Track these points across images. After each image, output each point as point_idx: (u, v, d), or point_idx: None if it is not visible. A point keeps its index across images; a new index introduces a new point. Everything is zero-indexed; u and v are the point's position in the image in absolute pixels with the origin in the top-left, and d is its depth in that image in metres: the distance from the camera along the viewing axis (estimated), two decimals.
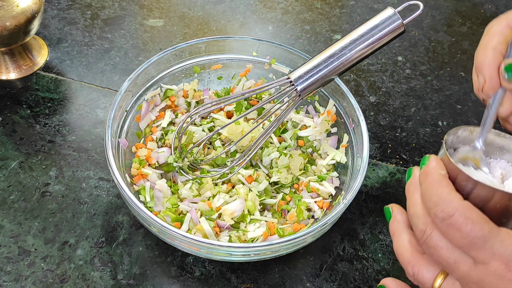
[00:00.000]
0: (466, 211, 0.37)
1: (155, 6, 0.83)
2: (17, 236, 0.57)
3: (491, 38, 0.46)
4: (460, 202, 0.38)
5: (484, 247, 0.37)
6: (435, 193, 0.39)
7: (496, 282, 0.36)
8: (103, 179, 0.62)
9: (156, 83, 0.63)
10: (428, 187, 0.40)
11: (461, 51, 0.81)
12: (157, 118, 0.63)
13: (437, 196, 0.39)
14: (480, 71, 0.46)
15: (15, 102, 0.69)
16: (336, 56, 0.54)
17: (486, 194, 0.39)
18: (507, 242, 0.36)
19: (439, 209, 0.38)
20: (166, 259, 0.57)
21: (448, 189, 0.39)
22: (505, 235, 0.37)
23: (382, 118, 0.72)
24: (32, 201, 0.60)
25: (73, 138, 0.66)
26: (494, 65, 0.45)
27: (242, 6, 0.84)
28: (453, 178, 0.40)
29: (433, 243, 0.39)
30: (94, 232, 0.58)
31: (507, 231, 0.37)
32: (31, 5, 0.65)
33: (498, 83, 0.45)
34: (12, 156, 0.64)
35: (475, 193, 0.39)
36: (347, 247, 0.59)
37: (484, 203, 0.39)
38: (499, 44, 0.45)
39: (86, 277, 0.55)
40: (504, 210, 0.39)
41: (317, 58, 0.55)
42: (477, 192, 0.39)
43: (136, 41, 0.78)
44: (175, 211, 0.55)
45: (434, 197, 0.39)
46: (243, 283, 0.56)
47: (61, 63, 0.74)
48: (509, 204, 0.39)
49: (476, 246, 0.37)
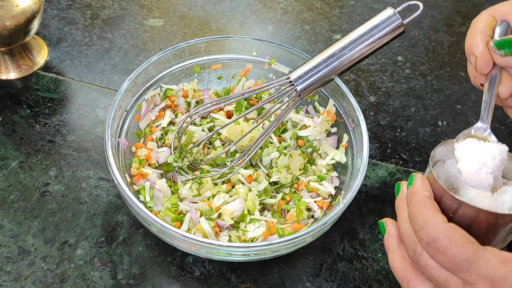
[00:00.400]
0: (450, 234, 0.38)
1: (155, 6, 0.83)
2: (17, 236, 0.57)
3: (476, 25, 0.49)
4: (443, 225, 0.38)
5: (470, 270, 0.37)
6: (420, 216, 0.39)
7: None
8: (103, 179, 0.62)
9: (156, 83, 0.63)
10: (414, 210, 0.40)
11: (461, 51, 0.81)
12: (157, 118, 0.63)
13: (422, 219, 0.39)
14: (470, 52, 0.48)
15: (15, 102, 0.69)
16: (336, 56, 0.54)
17: (471, 213, 0.39)
18: (492, 263, 0.37)
19: (424, 233, 0.39)
20: (166, 259, 0.57)
21: (432, 211, 0.39)
22: (490, 255, 0.37)
23: (382, 118, 0.72)
24: (32, 201, 0.60)
25: (73, 138, 0.66)
26: (483, 44, 0.47)
27: (242, 6, 0.84)
28: (438, 198, 0.41)
29: (423, 263, 0.40)
30: (94, 232, 0.58)
31: (492, 250, 0.37)
32: (31, 5, 0.65)
33: (490, 59, 0.47)
34: (12, 156, 0.64)
35: (461, 212, 0.40)
36: (347, 247, 0.59)
37: (469, 222, 0.40)
38: (485, 28, 0.49)
39: (86, 277, 0.55)
40: (490, 227, 0.39)
41: (317, 58, 0.55)
42: (462, 211, 0.40)
43: (136, 41, 0.78)
44: (175, 211, 0.55)
45: (419, 220, 0.39)
46: (243, 283, 0.56)
47: (61, 63, 0.74)
48: (495, 222, 0.39)
49: (462, 269, 0.37)
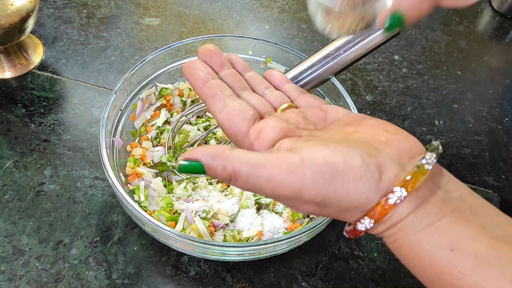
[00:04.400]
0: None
1: (151, 5, 0.83)
2: (12, 235, 0.57)
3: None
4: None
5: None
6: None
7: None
8: (98, 178, 0.62)
9: (151, 82, 0.63)
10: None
11: (458, 50, 0.80)
12: (152, 117, 0.63)
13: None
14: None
15: (10, 101, 0.69)
16: (332, 57, 0.53)
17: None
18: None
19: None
20: (161, 259, 0.56)
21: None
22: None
23: (378, 117, 0.72)
24: (27, 201, 0.60)
25: (68, 137, 0.66)
26: None
27: (239, 5, 0.84)
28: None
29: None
30: (88, 231, 0.58)
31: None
32: (26, 4, 0.65)
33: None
34: (6, 155, 0.63)
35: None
36: (343, 246, 0.59)
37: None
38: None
39: (81, 276, 0.55)
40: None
41: (312, 58, 0.54)
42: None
43: (132, 40, 0.78)
44: (169, 211, 0.55)
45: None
46: (238, 282, 0.56)
47: (56, 62, 0.74)
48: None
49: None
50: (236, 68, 0.38)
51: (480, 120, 0.73)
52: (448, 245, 0.28)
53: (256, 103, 0.36)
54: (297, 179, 0.29)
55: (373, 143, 0.31)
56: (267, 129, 0.33)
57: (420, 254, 0.29)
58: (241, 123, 0.33)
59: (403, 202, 0.29)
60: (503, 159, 0.69)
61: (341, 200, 0.29)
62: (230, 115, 0.34)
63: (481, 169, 0.68)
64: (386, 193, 0.29)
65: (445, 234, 0.28)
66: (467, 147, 0.70)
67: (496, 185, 0.66)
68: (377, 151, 0.30)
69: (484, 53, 0.81)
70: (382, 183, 0.29)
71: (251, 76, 0.39)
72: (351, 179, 0.29)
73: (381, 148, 0.30)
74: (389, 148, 0.31)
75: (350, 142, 0.31)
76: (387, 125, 0.33)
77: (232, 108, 0.34)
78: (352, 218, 0.31)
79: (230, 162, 0.30)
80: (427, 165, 0.29)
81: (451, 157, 0.68)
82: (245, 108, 0.34)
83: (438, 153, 0.30)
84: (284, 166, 0.29)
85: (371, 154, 0.30)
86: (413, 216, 0.29)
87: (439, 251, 0.28)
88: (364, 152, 0.30)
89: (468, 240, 0.28)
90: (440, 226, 0.28)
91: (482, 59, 0.80)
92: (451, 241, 0.28)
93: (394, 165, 0.30)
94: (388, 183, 0.29)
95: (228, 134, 0.34)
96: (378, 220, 0.29)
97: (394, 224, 0.30)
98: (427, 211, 0.29)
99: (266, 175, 0.29)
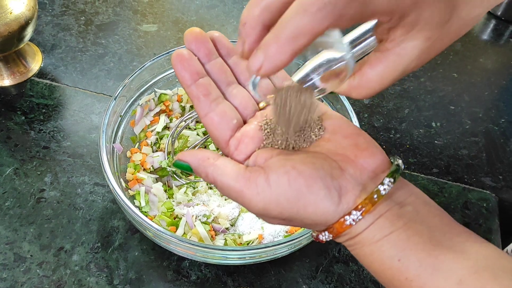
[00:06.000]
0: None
1: (149, 12, 0.83)
2: (13, 242, 0.57)
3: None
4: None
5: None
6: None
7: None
8: (98, 184, 0.62)
9: (150, 88, 0.63)
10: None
11: (453, 52, 0.81)
12: (151, 123, 0.64)
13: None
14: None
15: (9, 108, 0.69)
16: None
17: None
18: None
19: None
20: (162, 264, 0.57)
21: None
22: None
23: (376, 119, 0.72)
24: (28, 207, 0.60)
25: (68, 144, 0.66)
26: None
27: (236, 10, 0.85)
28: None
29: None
30: (89, 237, 0.58)
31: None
32: (25, 12, 0.65)
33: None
34: (7, 162, 0.64)
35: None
36: (343, 249, 0.59)
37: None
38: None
39: (82, 282, 0.55)
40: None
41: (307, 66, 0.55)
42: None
43: (130, 46, 0.78)
44: (170, 215, 0.56)
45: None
46: (240, 286, 0.56)
47: (55, 69, 0.74)
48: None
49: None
50: (220, 53, 0.38)
51: (477, 121, 0.73)
52: (396, 255, 0.31)
53: (240, 104, 0.37)
54: (263, 199, 0.32)
55: (340, 159, 0.33)
56: (245, 140, 0.35)
57: (374, 263, 0.32)
58: (224, 132, 0.35)
59: (360, 221, 0.32)
60: (500, 160, 0.69)
61: (304, 218, 0.32)
62: (215, 123, 0.35)
63: (478, 170, 0.68)
64: (344, 214, 0.32)
65: (394, 246, 0.31)
66: (464, 148, 0.70)
67: (493, 185, 0.67)
68: (341, 171, 0.33)
69: (480, 55, 0.81)
70: (341, 205, 0.32)
71: (235, 61, 0.39)
72: (311, 202, 0.31)
73: (346, 167, 0.33)
74: (354, 167, 0.33)
75: (316, 161, 0.33)
76: (359, 137, 0.35)
77: (216, 115, 0.35)
78: (317, 229, 0.34)
79: (211, 173, 0.33)
80: (383, 191, 0.31)
81: (449, 158, 0.69)
82: (229, 116, 0.36)
83: (397, 177, 0.32)
84: (253, 187, 0.32)
85: (334, 176, 0.32)
86: (368, 231, 0.32)
87: (388, 261, 0.31)
88: (328, 174, 0.32)
89: (414, 250, 0.31)
90: (391, 239, 0.31)
91: (477, 61, 0.81)
92: (398, 251, 0.31)
93: (355, 187, 0.32)
94: (347, 204, 0.32)
95: (211, 137, 0.37)
96: (336, 236, 0.33)
97: (351, 237, 0.33)
98: (381, 226, 0.32)
99: (237, 191, 0.33)
